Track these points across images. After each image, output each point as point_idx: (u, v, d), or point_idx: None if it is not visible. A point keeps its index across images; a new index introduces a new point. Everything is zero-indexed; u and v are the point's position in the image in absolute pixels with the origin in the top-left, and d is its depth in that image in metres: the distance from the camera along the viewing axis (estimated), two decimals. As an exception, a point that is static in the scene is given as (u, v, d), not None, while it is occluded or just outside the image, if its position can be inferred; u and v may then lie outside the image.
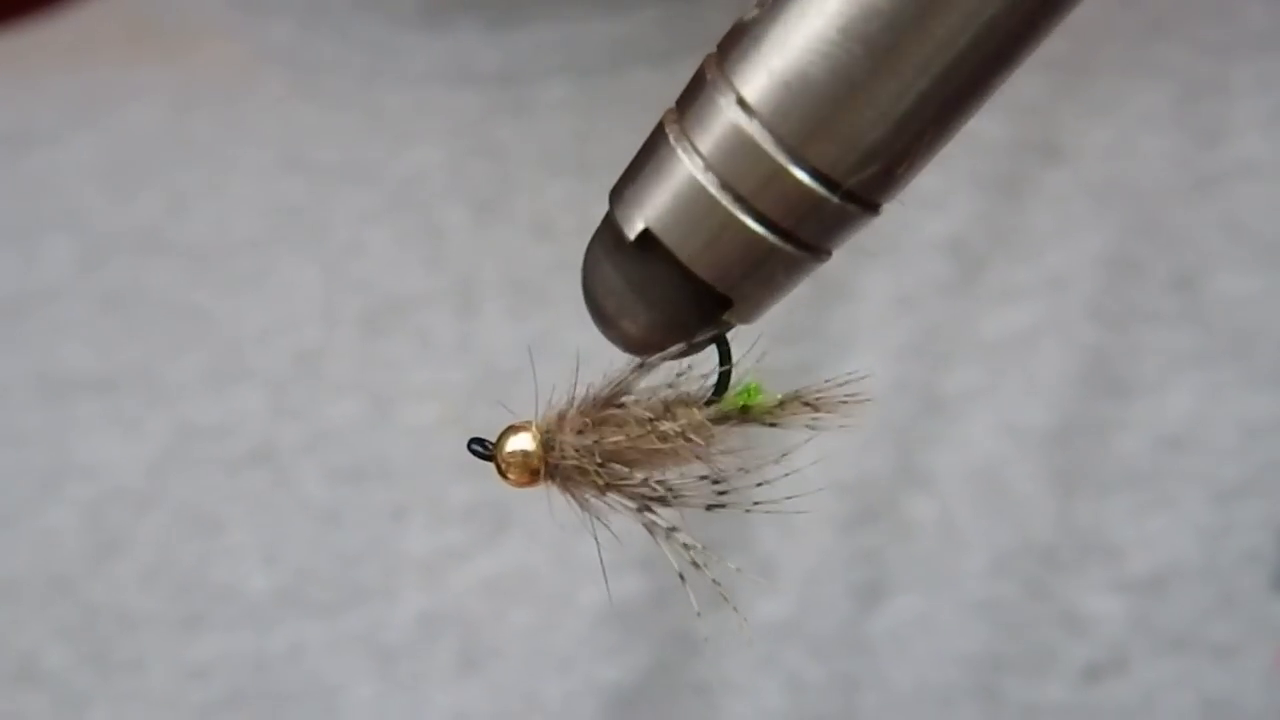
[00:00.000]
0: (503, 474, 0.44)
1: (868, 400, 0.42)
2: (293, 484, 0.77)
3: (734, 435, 0.43)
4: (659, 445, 0.42)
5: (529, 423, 0.44)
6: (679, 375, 0.42)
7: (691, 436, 0.42)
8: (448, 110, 0.84)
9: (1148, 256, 0.77)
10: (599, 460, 0.42)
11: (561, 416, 0.43)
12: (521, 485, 0.44)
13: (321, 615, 0.75)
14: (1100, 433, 0.74)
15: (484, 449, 0.44)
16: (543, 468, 0.43)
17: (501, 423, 0.45)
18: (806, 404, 0.42)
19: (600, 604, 0.73)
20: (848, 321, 0.77)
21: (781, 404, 0.42)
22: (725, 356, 0.42)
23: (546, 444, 0.43)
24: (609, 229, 0.39)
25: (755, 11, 0.36)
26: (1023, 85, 0.83)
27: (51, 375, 0.81)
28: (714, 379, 0.42)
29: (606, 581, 0.73)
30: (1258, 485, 0.73)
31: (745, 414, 0.43)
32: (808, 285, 0.77)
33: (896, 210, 0.81)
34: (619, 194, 0.38)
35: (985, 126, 0.81)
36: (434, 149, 0.83)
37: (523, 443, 0.43)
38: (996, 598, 0.72)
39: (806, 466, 0.43)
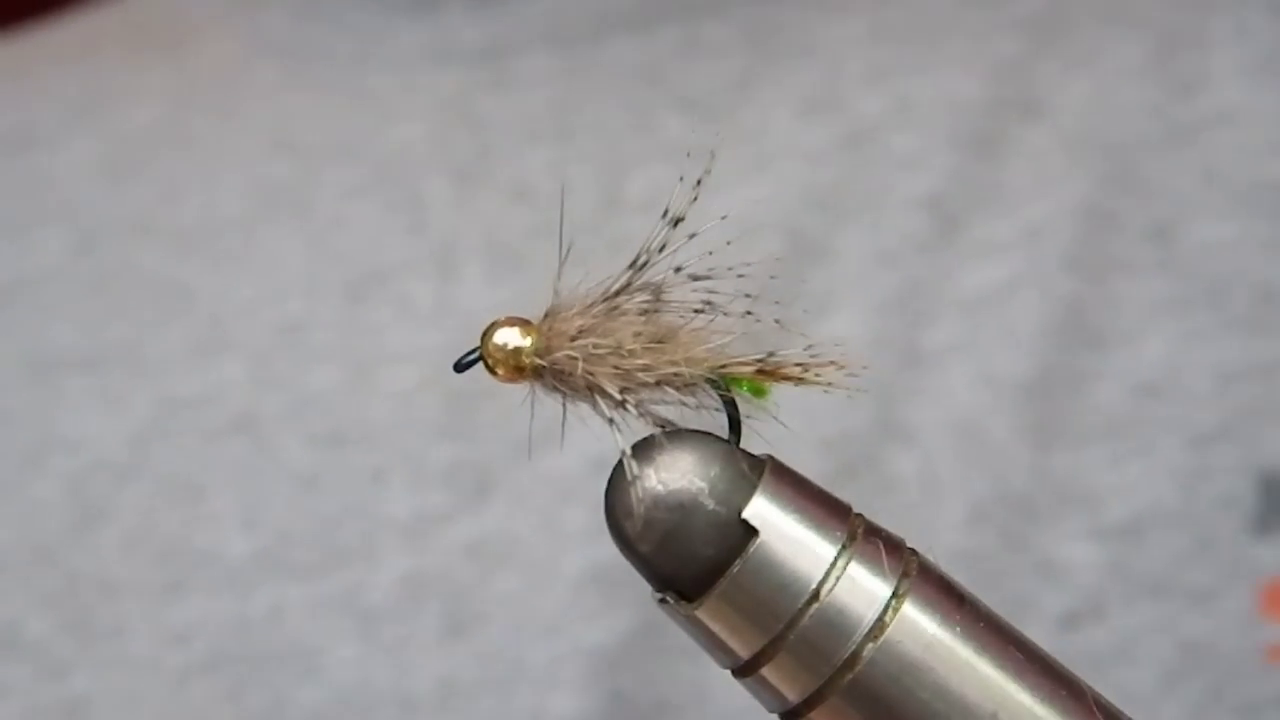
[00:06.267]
0: (491, 370, 0.43)
1: (853, 370, 0.43)
2: (273, 450, 0.78)
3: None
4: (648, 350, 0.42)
5: (517, 318, 0.43)
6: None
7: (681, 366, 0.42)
8: (431, 88, 0.85)
9: (1124, 207, 0.78)
10: (589, 354, 0.42)
11: (555, 313, 0.43)
12: (509, 381, 0.43)
13: (302, 578, 0.75)
14: (1077, 382, 0.74)
15: (468, 356, 0.43)
16: (530, 365, 0.43)
17: (481, 389, 0.44)
18: (789, 376, 0.43)
19: (584, 568, 0.73)
20: (828, 280, 0.77)
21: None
22: (735, 423, 0.43)
23: (539, 341, 0.43)
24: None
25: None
26: (1001, 43, 0.84)
27: (39, 355, 0.83)
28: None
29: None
30: (1233, 430, 0.73)
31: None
32: (788, 244, 0.79)
33: (875, 171, 0.82)
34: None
35: (964, 86, 0.81)
36: (417, 124, 0.85)
37: (511, 337, 0.43)
38: (974, 548, 0.72)
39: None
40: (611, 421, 0.42)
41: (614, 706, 0.72)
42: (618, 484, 0.41)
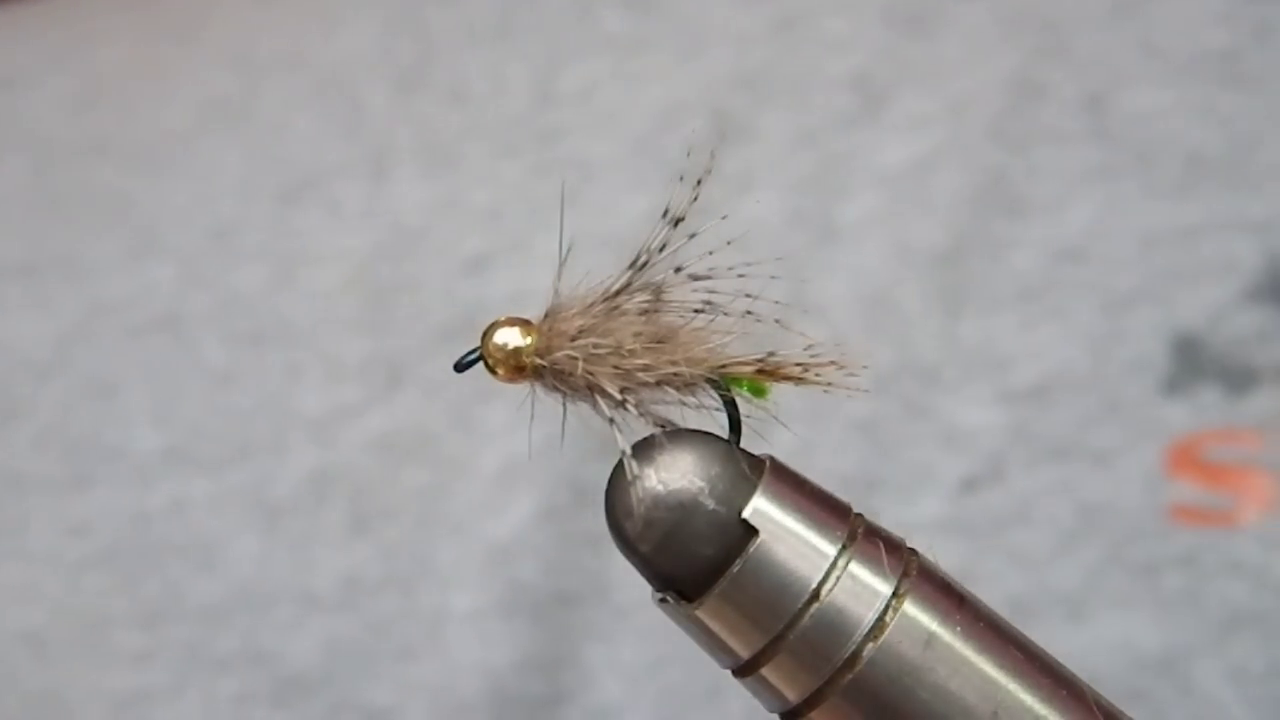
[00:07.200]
0: (491, 370, 0.43)
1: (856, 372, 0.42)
2: (192, 348, 0.78)
3: None
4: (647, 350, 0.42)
5: (517, 318, 0.43)
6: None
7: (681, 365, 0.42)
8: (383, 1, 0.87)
9: (1056, 79, 0.78)
10: (589, 354, 0.42)
11: (555, 313, 0.43)
12: (509, 381, 0.43)
13: (207, 473, 0.76)
14: (994, 250, 0.75)
15: (469, 355, 0.43)
16: (531, 365, 0.42)
17: (398, 278, 0.42)
18: (793, 377, 0.42)
19: (500, 464, 0.74)
20: (747, 160, 0.77)
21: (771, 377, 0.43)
22: (735, 423, 0.42)
23: (539, 341, 0.42)
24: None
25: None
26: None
27: None
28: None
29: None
30: (1151, 294, 0.74)
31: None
32: (709, 126, 0.78)
33: (800, 52, 0.81)
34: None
35: None
36: (362, 34, 0.86)
37: (511, 337, 0.42)
38: (876, 418, 0.73)
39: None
40: (612, 421, 0.41)
41: (515, 596, 0.72)
42: (618, 484, 0.41)
